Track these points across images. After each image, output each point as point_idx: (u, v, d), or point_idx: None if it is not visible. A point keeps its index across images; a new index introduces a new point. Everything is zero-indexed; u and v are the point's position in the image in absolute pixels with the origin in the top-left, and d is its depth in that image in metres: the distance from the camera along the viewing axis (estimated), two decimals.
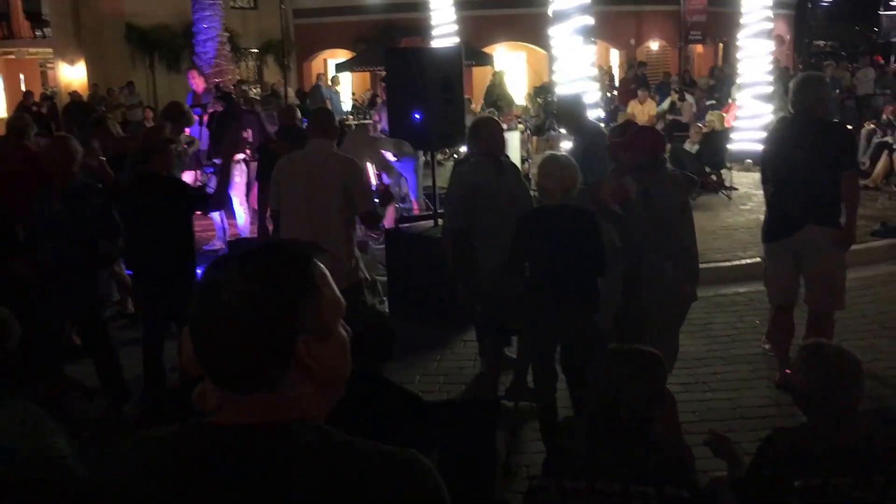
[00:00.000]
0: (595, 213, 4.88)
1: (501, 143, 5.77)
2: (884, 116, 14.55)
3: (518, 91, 24.54)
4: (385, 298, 7.85)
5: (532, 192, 5.88)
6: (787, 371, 4.92)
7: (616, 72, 28.04)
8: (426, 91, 7.11)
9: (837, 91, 17.49)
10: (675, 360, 5.13)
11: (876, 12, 50.37)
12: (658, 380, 2.92)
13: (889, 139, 12.98)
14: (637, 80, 21.84)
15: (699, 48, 31.57)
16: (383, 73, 12.11)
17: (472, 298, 5.70)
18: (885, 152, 12.39)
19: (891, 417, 3.09)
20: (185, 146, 8.65)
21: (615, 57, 30.24)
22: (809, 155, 5.46)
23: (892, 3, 48.89)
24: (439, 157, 14.12)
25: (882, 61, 28.17)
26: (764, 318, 6.75)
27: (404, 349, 6.80)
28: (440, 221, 7.63)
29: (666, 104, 18.38)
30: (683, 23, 29.79)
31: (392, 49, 9.34)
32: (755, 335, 6.77)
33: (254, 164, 10.00)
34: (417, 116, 7.14)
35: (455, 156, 12.05)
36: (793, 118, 5.83)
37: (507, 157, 6.15)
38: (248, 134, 9.67)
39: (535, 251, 4.78)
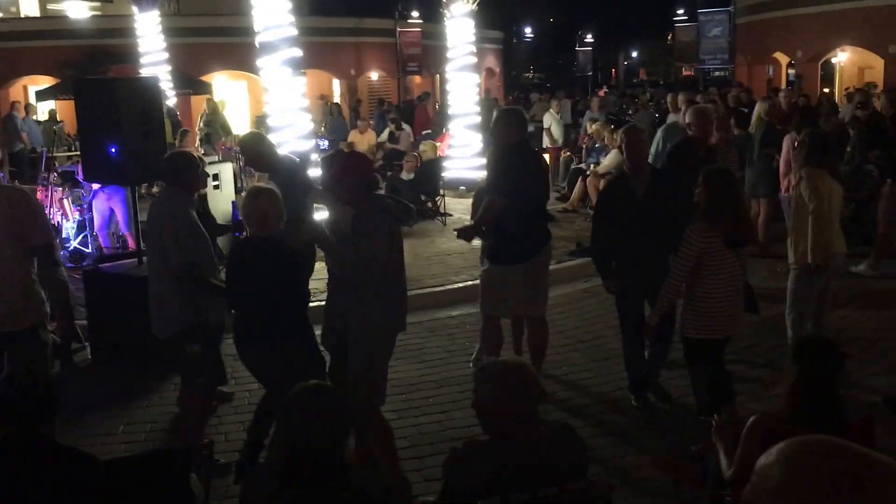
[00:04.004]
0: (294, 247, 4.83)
1: None
2: (579, 144, 15.77)
3: (242, 120, 24.14)
4: (87, 344, 7.34)
5: None
6: None
7: (339, 101, 28.41)
8: (122, 123, 6.75)
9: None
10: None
11: (574, 48, 54.98)
12: (343, 416, 2.91)
13: (583, 166, 14.01)
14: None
15: (417, 79, 32.84)
16: None
17: None
18: (580, 178, 13.34)
19: (568, 428, 3.28)
20: None
21: (337, 86, 30.68)
22: (535, 184, 5.97)
23: (585, 41, 53.61)
24: (155, 189, 13.48)
25: (580, 94, 30.70)
26: (474, 340, 7.02)
27: (107, 397, 6.44)
28: (145, 259, 7.26)
29: (385, 134, 18.81)
30: (400, 55, 30.87)
31: (80, 79, 8.84)
32: (466, 357, 7.01)
33: None
34: (114, 150, 6.76)
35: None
36: (507, 148, 6.04)
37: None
38: None
39: (235, 282, 4.70)
